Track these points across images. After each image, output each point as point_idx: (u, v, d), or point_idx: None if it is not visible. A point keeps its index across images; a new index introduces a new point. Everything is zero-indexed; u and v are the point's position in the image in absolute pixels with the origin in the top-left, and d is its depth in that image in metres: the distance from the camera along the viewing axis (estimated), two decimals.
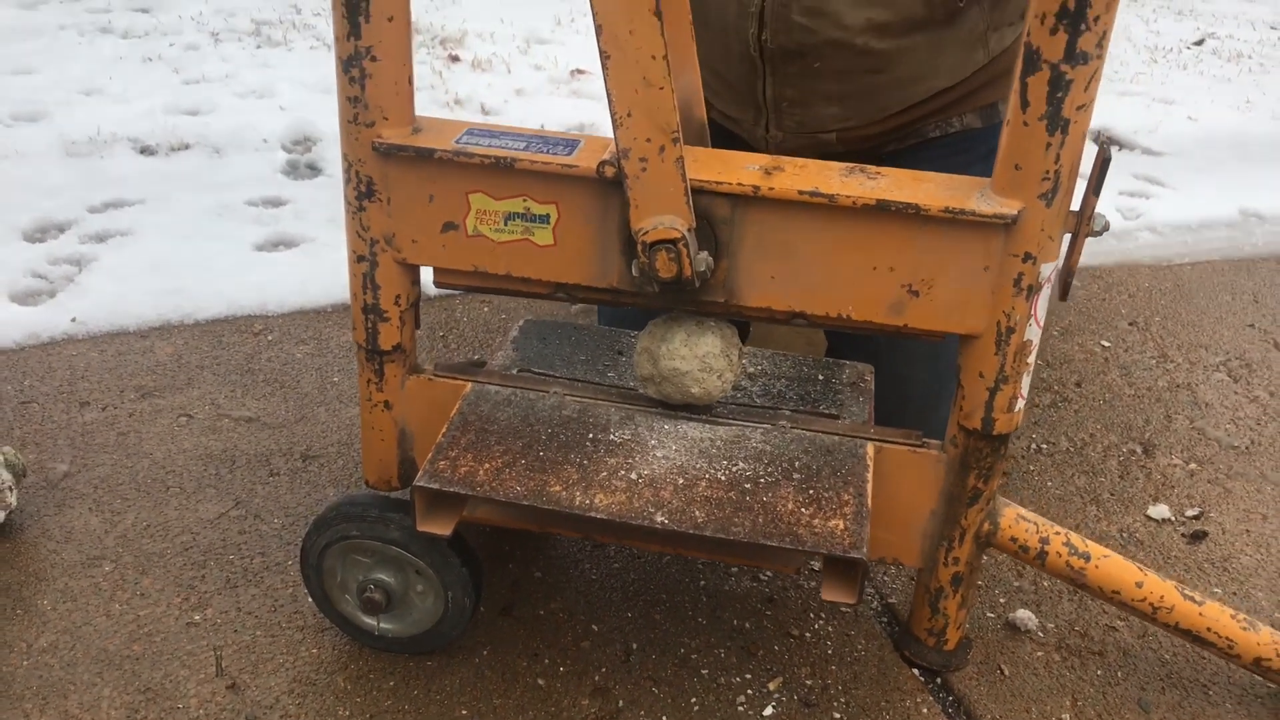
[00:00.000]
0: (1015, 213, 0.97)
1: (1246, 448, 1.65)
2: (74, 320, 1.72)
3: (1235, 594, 1.36)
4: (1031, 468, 1.56)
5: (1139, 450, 1.62)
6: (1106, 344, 1.91)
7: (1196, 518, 1.48)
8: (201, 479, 1.43)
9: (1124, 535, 1.44)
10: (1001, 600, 1.31)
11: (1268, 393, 1.79)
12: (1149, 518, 1.48)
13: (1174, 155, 2.82)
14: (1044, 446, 1.61)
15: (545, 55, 3.04)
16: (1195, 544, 1.43)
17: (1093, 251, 2.26)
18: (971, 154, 1.44)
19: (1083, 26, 0.90)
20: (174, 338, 1.72)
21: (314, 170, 2.32)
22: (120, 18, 3.08)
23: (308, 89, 2.61)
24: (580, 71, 2.91)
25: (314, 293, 1.84)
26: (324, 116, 2.43)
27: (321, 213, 2.11)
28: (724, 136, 1.49)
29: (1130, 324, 1.98)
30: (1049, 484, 1.53)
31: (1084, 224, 1.01)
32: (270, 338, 1.74)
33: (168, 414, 1.55)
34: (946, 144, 1.45)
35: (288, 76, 2.68)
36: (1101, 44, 0.92)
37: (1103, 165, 0.98)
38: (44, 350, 1.67)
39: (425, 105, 2.55)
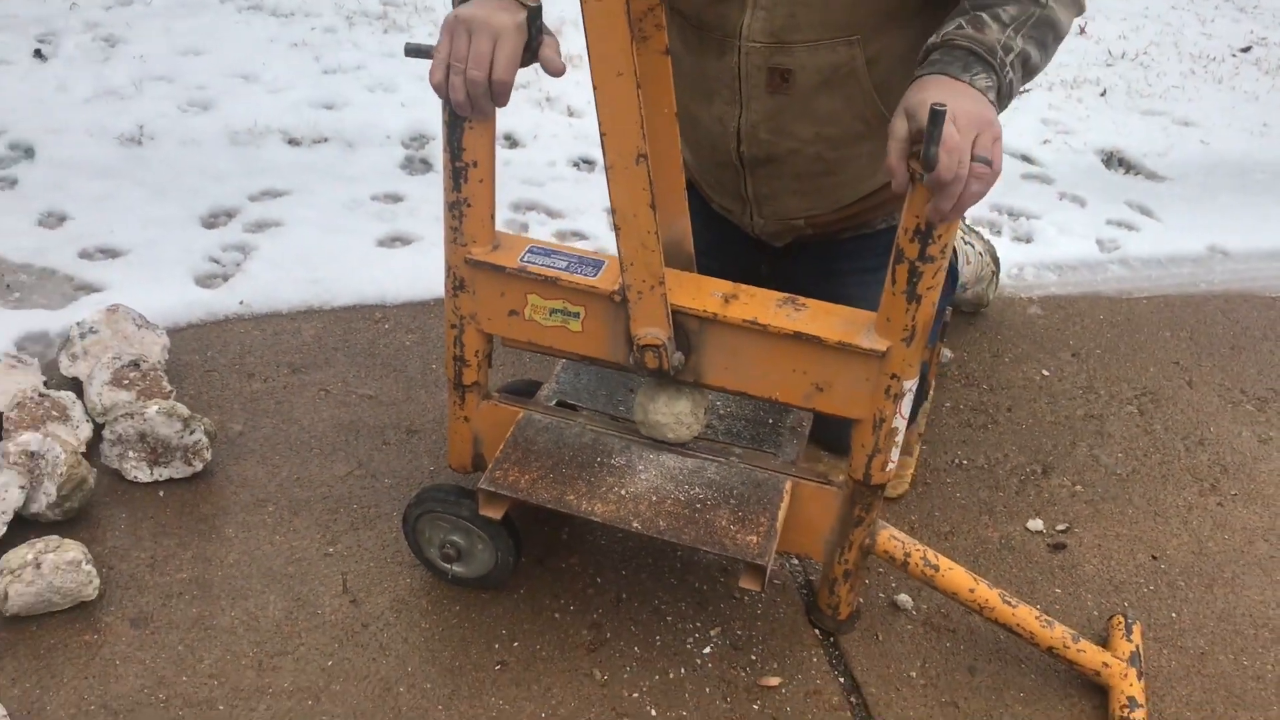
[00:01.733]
0: (885, 348, 1.45)
1: (1127, 475, 2.11)
2: (241, 303, 2.28)
3: (1070, 594, 1.85)
4: (948, 480, 2.05)
5: (1039, 471, 2.09)
6: (1046, 373, 2.36)
7: (1063, 532, 1.96)
8: (335, 443, 1.99)
9: (1002, 541, 1.94)
10: (893, 585, 1.83)
11: (1163, 427, 2.24)
12: (1026, 529, 1.96)
13: (1176, 180, 3.19)
14: (964, 463, 2.09)
15: None
16: (1054, 553, 1.92)
17: (1064, 282, 2.69)
18: None
19: (930, 240, 1.37)
20: (315, 321, 2.28)
21: (426, 165, 2.84)
22: None
23: (424, 85, 3.10)
24: None
25: (420, 288, 2.37)
26: (437, 115, 2.93)
27: (430, 209, 2.63)
28: (724, 223, 1.98)
29: (1073, 355, 2.43)
30: (958, 495, 2.02)
31: (935, 357, 1.49)
32: (387, 326, 2.29)
33: (311, 388, 2.11)
34: (889, 235, 1.91)
35: (408, 71, 3.18)
36: (944, 250, 1.38)
37: (943, 326, 1.45)
38: (220, 327, 2.23)
39: (519, 104, 3.04)
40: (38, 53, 3.13)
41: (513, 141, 2.94)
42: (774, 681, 1.65)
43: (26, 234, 2.42)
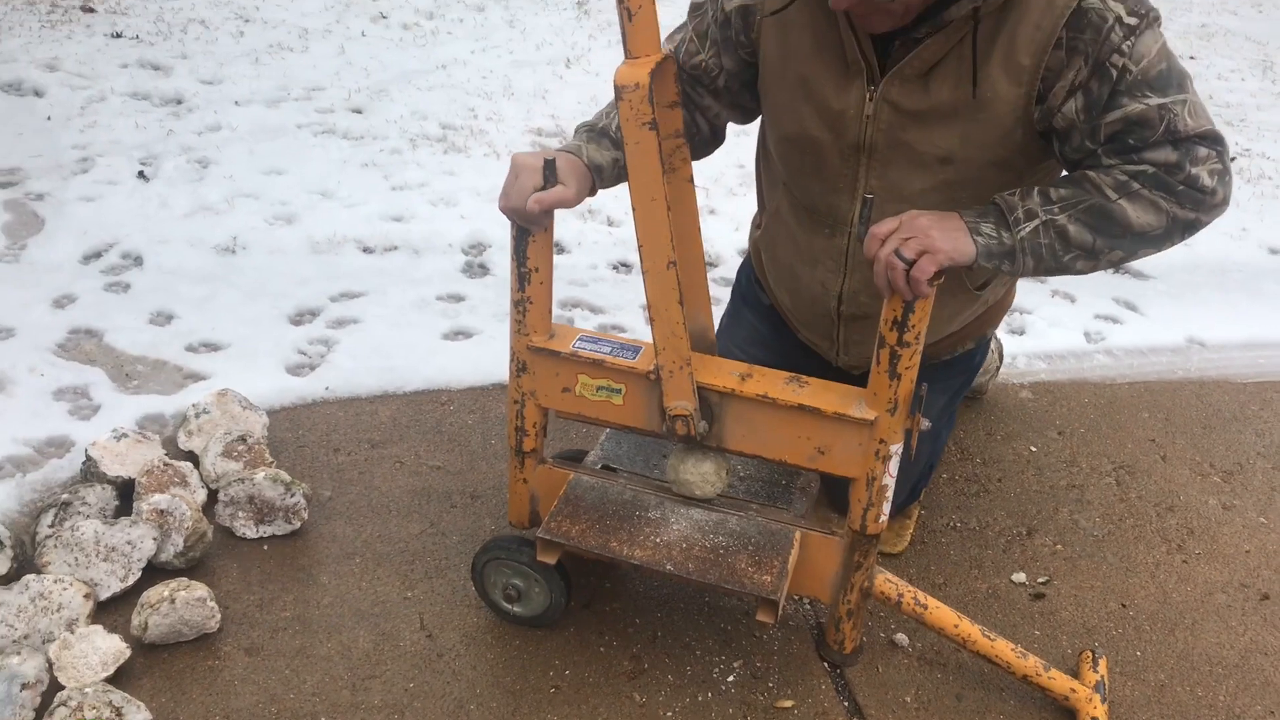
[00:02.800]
0: (874, 418, 1.77)
1: (1103, 536, 2.39)
2: (326, 389, 2.63)
3: (1047, 635, 2.12)
4: (943, 540, 2.34)
5: (1024, 532, 2.38)
6: (1034, 449, 2.66)
7: (1044, 584, 2.24)
8: (410, 506, 2.31)
9: (989, 591, 2.22)
10: (892, 625, 2.11)
11: (1138, 495, 2.52)
12: (1011, 581, 2.25)
13: (1160, 279, 3.51)
14: (957, 525, 2.39)
15: None
16: (1035, 601, 2.20)
17: (1053, 370, 2.99)
18: (969, 367, 2.22)
19: (906, 328, 1.69)
20: (390, 404, 2.62)
21: (484, 269, 3.21)
22: (341, 119, 4.03)
23: (481, 199, 3.50)
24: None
25: (479, 375, 2.71)
26: (493, 225, 3.31)
27: (489, 309, 2.99)
28: (811, 354, 2.21)
29: (1059, 433, 2.72)
30: (951, 552, 2.31)
31: (916, 424, 1.80)
32: (452, 408, 2.62)
33: (389, 460, 2.44)
34: (954, 363, 2.18)
35: (467, 186, 3.57)
36: (919, 337, 1.70)
37: (920, 398, 1.77)
38: (309, 410, 2.58)
39: (566, 216, 3.41)
40: (141, 174, 3.55)
41: (560, 248, 3.31)
42: (788, 704, 1.93)
43: (140, 331, 2.80)
